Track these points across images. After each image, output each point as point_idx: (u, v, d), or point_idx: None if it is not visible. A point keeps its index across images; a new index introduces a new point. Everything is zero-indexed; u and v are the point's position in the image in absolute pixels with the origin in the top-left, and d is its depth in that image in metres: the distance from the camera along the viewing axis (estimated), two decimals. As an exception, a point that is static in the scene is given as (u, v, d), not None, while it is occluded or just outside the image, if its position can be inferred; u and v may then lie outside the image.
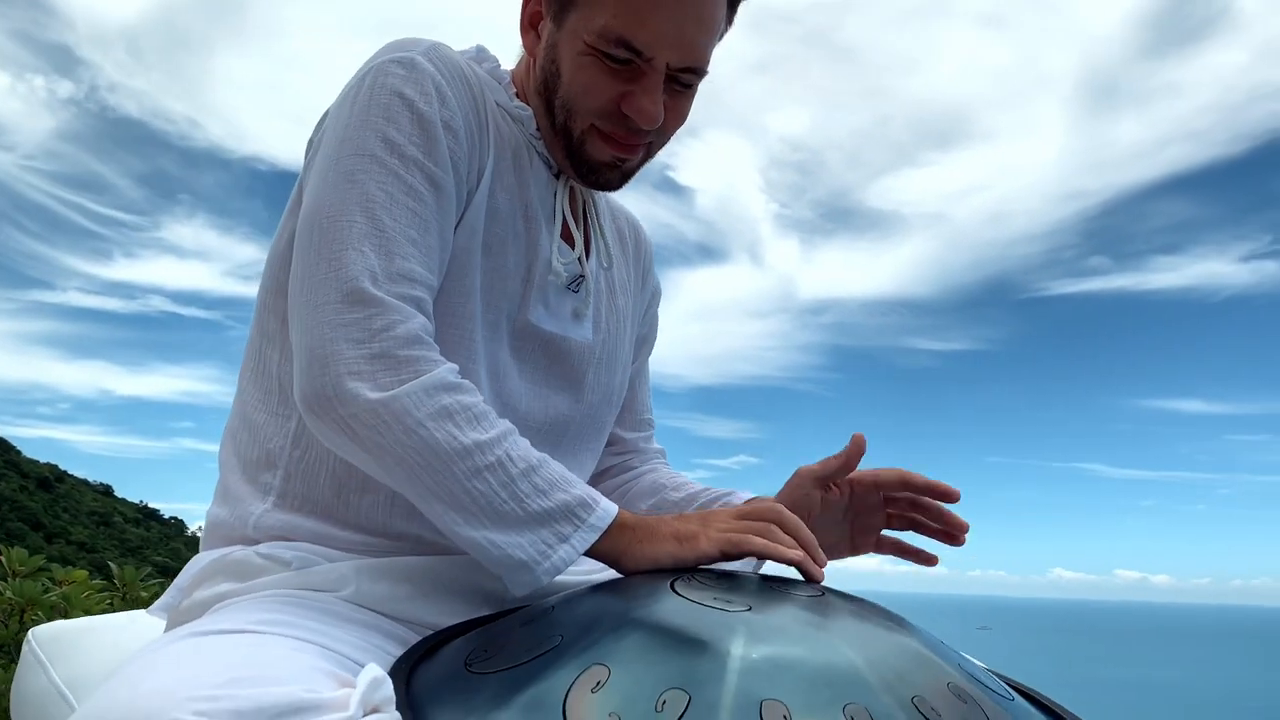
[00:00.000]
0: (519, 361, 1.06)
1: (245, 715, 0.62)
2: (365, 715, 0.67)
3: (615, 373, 1.18)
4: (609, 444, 1.29)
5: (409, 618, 0.95)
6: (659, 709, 0.68)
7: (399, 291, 0.90)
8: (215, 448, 1.09)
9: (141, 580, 3.60)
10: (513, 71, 1.13)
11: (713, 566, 0.92)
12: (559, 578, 1.05)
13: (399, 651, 0.89)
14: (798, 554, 0.90)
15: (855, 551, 1.15)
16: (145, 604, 3.17)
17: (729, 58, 1.14)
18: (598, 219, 1.16)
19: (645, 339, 1.32)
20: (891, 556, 1.14)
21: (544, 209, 1.08)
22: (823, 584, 0.91)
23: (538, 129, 1.09)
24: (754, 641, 0.74)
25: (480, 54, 1.11)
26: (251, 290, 1.10)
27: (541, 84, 1.06)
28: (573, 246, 1.11)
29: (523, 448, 0.91)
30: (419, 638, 0.93)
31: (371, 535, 1.00)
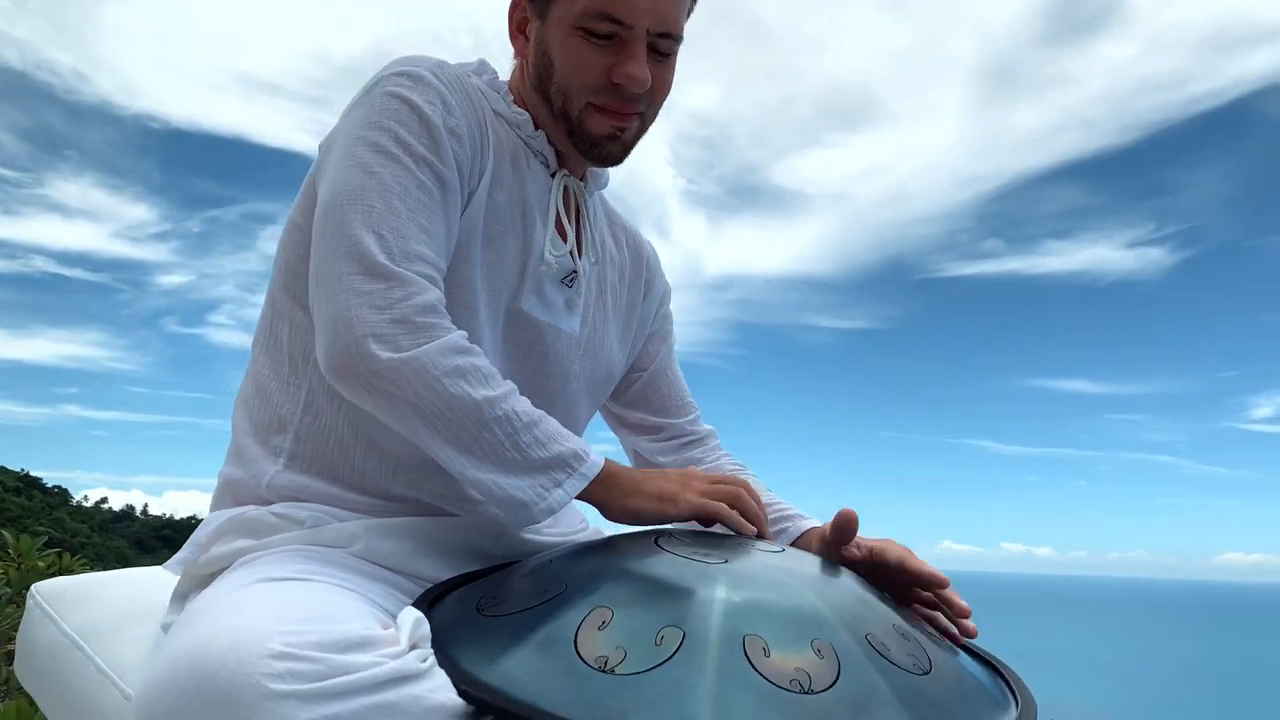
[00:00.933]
0: (513, 346, 1.17)
1: (324, 647, 0.73)
2: (410, 650, 0.79)
3: (600, 362, 1.28)
4: (662, 435, 1.39)
5: (411, 571, 1.06)
6: (658, 643, 0.81)
7: (413, 268, 1.01)
8: (101, 414, 1.19)
9: (38, 551, 3.58)
10: (509, 81, 1.23)
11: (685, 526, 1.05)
12: (542, 538, 1.17)
13: (407, 600, 1.00)
14: (753, 531, 1.04)
15: None
16: (42, 575, 3.16)
17: None
18: (590, 218, 1.26)
19: (664, 335, 1.42)
20: None
21: (539, 205, 1.18)
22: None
23: (535, 128, 1.19)
24: (734, 587, 0.87)
25: (481, 66, 1.21)
26: (143, 253, 1.18)
27: (536, 78, 1.17)
28: (565, 241, 1.21)
29: (525, 404, 1.02)
30: (421, 590, 1.04)
31: (375, 497, 1.10)
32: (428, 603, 0.97)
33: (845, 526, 1.09)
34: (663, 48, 1.14)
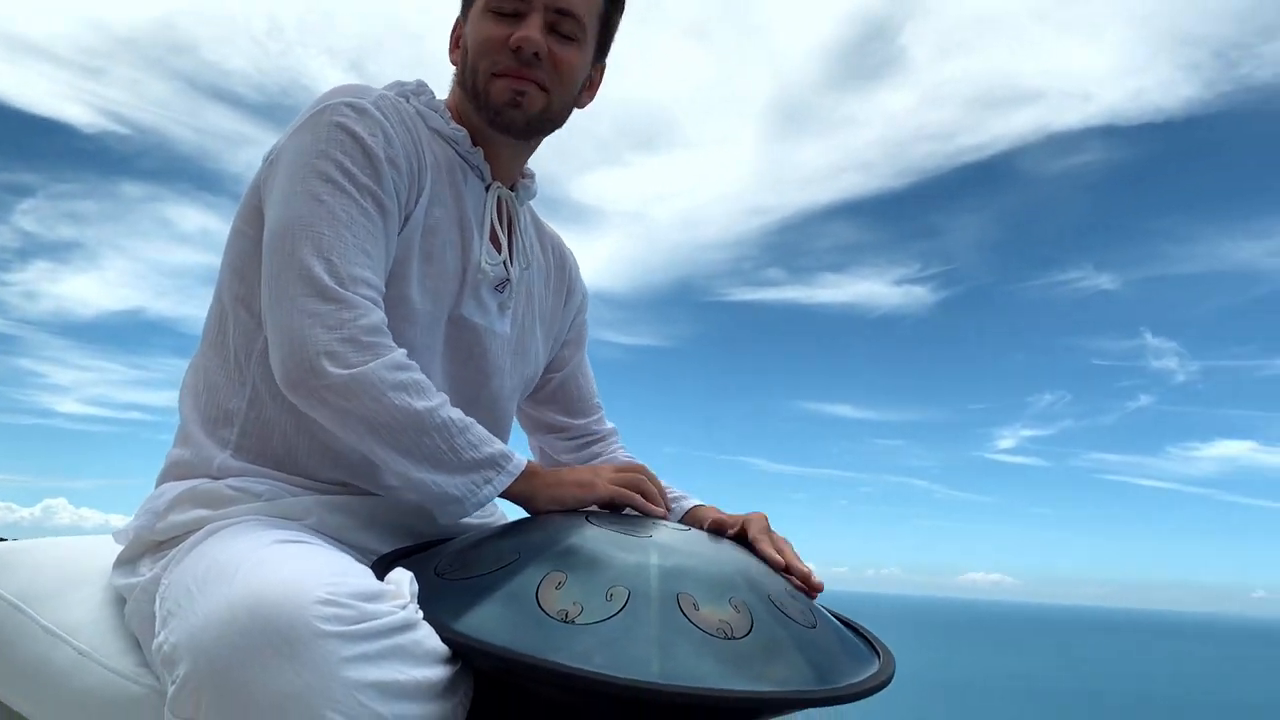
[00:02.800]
0: (453, 349, 1.29)
1: (355, 596, 0.86)
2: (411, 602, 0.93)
3: (528, 362, 1.42)
4: (568, 434, 1.54)
5: (356, 544, 1.18)
6: (609, 599, 0.98)
7: (359, 291, 1.12)
8: None
9: None
10: (447, 100, 1.35)
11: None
12: (466, 520, 1.31)
13: None
14: (661, 512, 1.22)
15: None
16: None
17: (445, 29, 1.36)
18: (520, 227, 1.39)
19: (579, 339, 1.56)
20: None
21: (476, 218, 1.31)
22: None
23: (473, 144, 1.31)
24: (663, 555, 1.05)
25: (420, 87, 1.33)
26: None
27: (461, 72, 1.31)
28: (499, 251, 1.34)
29: (458, 413, 1.15)
30: (367, 561, 1.16)
31: (318, 483, 1.21)
32: (381, 570, 1.10)
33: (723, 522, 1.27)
34: (564, 28, 1.27)
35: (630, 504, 1.22)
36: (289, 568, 0.89)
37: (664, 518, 1.23)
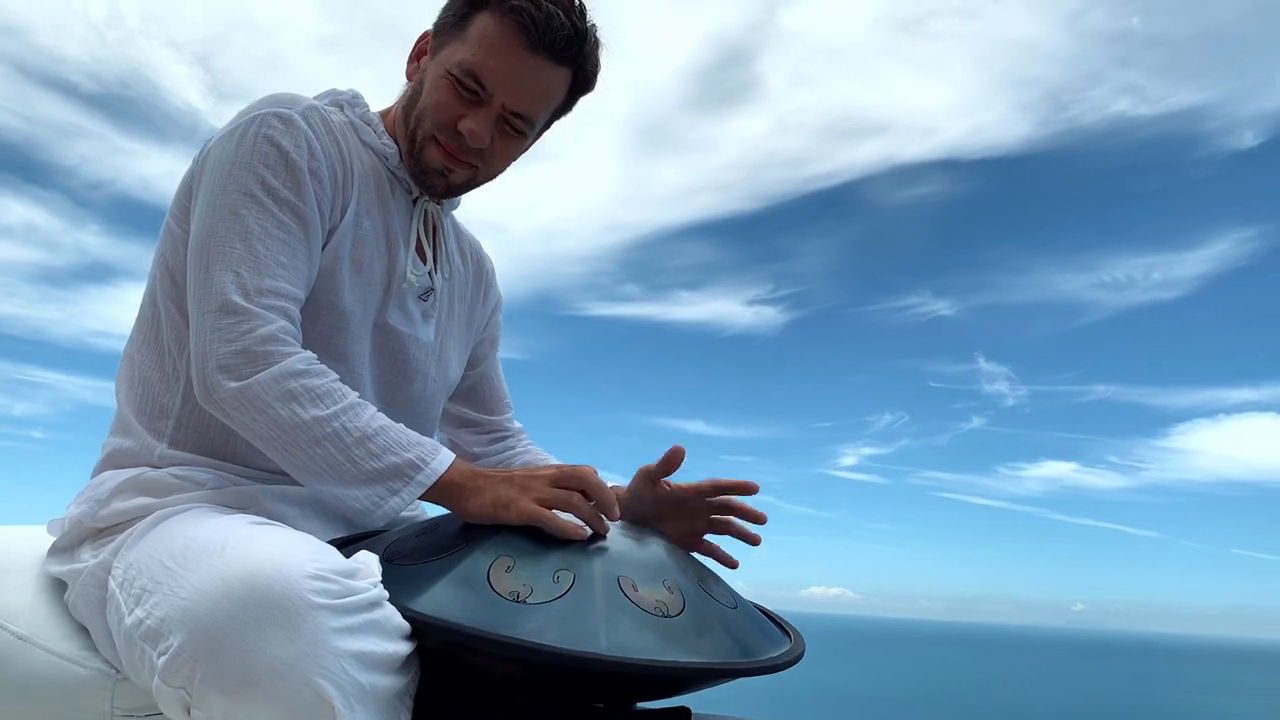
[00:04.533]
0: (380, 355, 1.34)
1: (337, 570, 0.92)
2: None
3: (450, 366, 1.47)
4: (480, 429, 1.60)
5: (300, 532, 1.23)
6: (556, 581, 1.06)
7: (265, 303, 1.15)
8: None
9: None
10: (384, 112, 1.40)
11: None
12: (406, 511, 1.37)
13: None
14: (583, 534, 1.11)
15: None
16: None
17: (296, 29, 1.33)
18: (445, 240, 1.45)
19: (493, 340, 1.61)
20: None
21: (402, 230, 1.36)
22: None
23: (401, 160, 1.35)
24: (601, 542, 1.14)
25: (355, 99, 1.37)
26: None
27: (408, 100, 1.34)
28: (425, 262, 1.40)
29: (363, 420, 1.13)
30: None
31: (257, 470, 1.25)
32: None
33: (673, 459, 1.33)
34: (514, 125, 1.31)
35: (549, 530, 1.11)
36: (276, 545, 0.94)
37: (580, 538, 1.12)
